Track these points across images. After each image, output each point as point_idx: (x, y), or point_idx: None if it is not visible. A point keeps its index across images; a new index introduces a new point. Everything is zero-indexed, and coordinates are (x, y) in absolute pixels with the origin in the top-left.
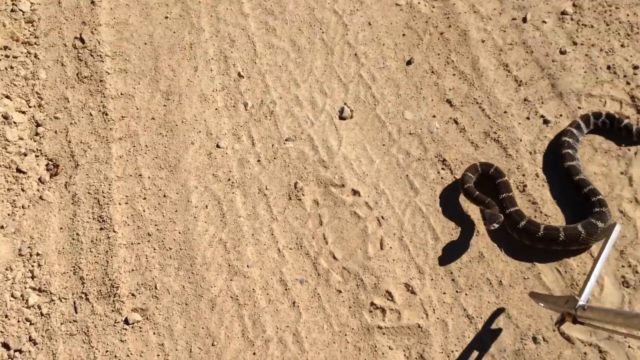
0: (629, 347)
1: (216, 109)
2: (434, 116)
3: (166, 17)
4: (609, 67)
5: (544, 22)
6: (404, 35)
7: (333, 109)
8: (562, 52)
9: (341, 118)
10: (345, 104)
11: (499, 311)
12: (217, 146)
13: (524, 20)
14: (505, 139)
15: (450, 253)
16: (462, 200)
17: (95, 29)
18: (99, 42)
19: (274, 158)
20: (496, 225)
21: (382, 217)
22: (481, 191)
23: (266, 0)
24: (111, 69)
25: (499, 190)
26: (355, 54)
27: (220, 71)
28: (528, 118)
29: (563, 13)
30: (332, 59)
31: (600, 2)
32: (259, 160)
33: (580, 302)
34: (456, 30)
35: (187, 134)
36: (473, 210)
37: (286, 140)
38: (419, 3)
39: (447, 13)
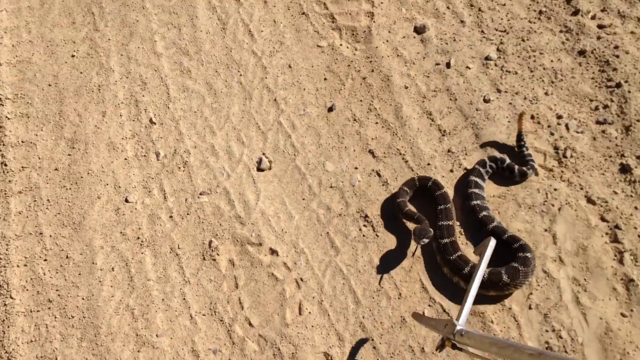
0: None
1: (125, 158)
2: (356, 168)
3: (73, 56)
4: (532, 117)
5: (468, 67)
6: (325, 79)
7: (251, 159)
8: (486, 101)
9: (259, 169)
10: (263, 154)
11: None
12: (126, 200)
13: (448, 65)
14: None
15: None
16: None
17: None
18: None
19: (187, 214)
20: (426, 241)
21: (301, 279)
22: (421, 204)
23: (181, 39)
24: (11, 114)
25: (437, 202)
26: (275, 99)
27: (131, 117)
28: (452, 170)
29: (487, 58)
30: (250, 104)
31: (524, 47)
32: (171, 216)
33: (458, 327)
34: (379, 75)
35: (93, 187)
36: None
37: (200, 194)
38: (340, 45)
39: (369, 56)
